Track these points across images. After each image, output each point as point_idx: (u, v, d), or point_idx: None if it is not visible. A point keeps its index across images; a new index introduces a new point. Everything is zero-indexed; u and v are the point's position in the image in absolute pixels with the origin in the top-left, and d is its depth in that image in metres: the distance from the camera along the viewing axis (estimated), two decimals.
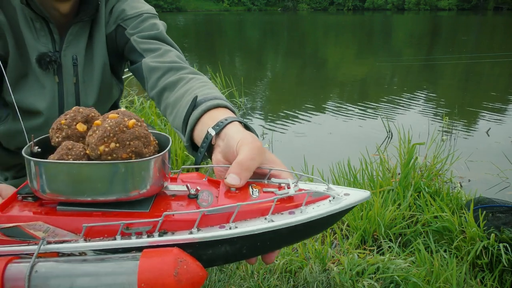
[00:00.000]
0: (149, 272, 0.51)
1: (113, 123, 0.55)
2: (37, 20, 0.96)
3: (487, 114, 4.65)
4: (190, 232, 0.57)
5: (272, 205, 0.59)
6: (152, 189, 0.58)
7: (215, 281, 1.51)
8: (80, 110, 0.62)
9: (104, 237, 0.56)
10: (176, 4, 57.76)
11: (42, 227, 0.54)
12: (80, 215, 0.56)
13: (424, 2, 54.37)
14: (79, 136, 0.60)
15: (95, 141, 0.54)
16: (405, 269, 1.53)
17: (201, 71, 0.99)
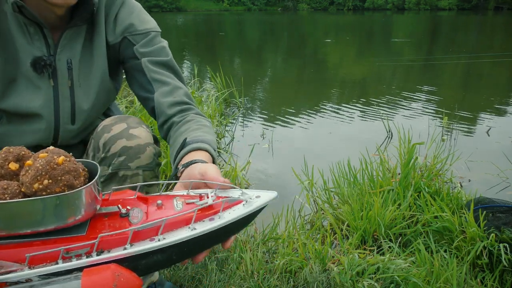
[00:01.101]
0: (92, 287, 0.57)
1: (44, 162, 0.61)
2: (31, 25, 0.96)
3: (487, 114, 4.65)
4: (124, 248, 0.64)
5: (194, 215, 0.68)
6: (86, 214, 0.64)
7: (215, 281, 1.51)
8: (11, 150, 0.66)
9: (47, 262, 0.61)
10: (176, 4, 57.73)
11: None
12: (22, 246, 0.61)
13: (424, 2, 54.35)
14: (12, 174, 0.65)
15: (29, 180, 0.59)
16: (405, 269, 1.53)
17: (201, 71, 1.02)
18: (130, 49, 1.10)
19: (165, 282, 1.41)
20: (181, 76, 1.15)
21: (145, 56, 1.09)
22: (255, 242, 1.77)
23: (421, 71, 8.13)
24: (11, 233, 0.60)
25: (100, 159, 1.05)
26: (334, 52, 12.16)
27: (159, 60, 1.10)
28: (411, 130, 2.69)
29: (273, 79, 7.44)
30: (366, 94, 6.00)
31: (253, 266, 1.58)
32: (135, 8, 1.13)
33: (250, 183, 2.61)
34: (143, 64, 1.09)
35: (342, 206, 2.05)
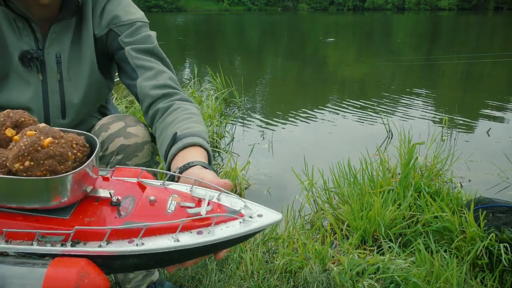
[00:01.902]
0: (54, 281, 0.55)
1: (28, 142, 0.57)
2: (19, 20, 0.96)
3: (487, 114, 4.65)
4: (100, 245, 0.60)
5: (180, 225, 0.62)
6: (72, 198, 0.62)
7: (215, 281, 1.51)
8: (10, 114, 0.63)
9: (24, 239, 0.59)
10: (176, 4, 57.70)
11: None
12: (2, 217, 0.60)
13: (424, 2, 54.32)
14: (8, 141, 0.62)
15: (11, 158, 0.57)
16: (405, 269, 1.52)
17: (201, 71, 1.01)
18: (116, 41, 1.09)
19: (165, 282, 1.41)
20: (167, 62, 1.12)
21: (128, 45, 1.08)
22: (255, 242, 1.77)
23: (421, 71, 8.12)
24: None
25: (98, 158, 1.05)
26: (334, 52, 12.15)
27: (143, 48, 1.08)
28: (411, 130, 2.69)
29: (273, 79, 7.44)
30: (366, 94, 6.00)
31: (253, 266, 1.58)
32: (122, 1, 1.12)
33: (250, 183, 2.61)
34: (126, 53, 1.07)
35: (342, 206, 2.05)
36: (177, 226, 0.62)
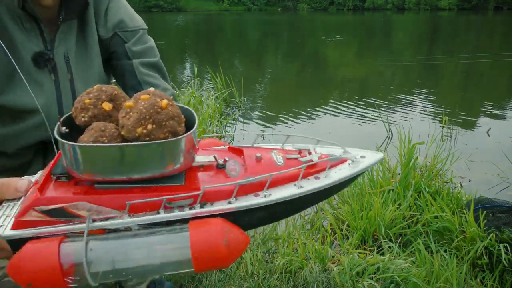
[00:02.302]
0: (201, 242, 0.54)
1: (147, 105, 0.55)
2: (27, 21, 0.96)
3: (487, 114, 4.65)
4: (229, 202, 0.60)
5: (301, 172, 0.65)
6: (185, 164, 0.60)
7: (215, 281, 1.51)
8: (103, 88, 0.61)
9: (146, 211, 0.57)
10: (176, 4, 57.70)
11: (86, 206, 0.54)
12: (121, 192, 0.57)
13: (424, 2, 54.32)
14: (105, 115, 0.60)
15: (131, 124, 0.54)
16: (405, 269, 1.52)
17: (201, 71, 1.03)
18: (121, 47, 1.12)
19: (165, 281, 1.41)
20: (167, 76, 1.19)
21: (136, 57, 1.12)
22: (255, 242, 1.77)
23: (421, 71, 8.12)
24: (109, 179, 0.56)
25: None
26: (334, 52, 12.15)
27: (150, 62, 1.13)
28: (411, 130, 2.69)
29: (273, 79, 7.44)
30: (366, 94, 6.00)
31: (253, 266, 1.58)
32: (123, 2, 1.17)
33: None
34: (134, 66, 1.11)
35: (342, 206, 2.05)
36: (296, 175, 0.64)
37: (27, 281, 0.50)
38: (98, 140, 0.55)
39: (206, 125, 3.26)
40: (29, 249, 0.51)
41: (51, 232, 0.53)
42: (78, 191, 0.56)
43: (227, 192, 0.60)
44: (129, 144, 0.54)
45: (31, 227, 0.53)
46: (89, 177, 0.55)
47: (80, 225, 0.54)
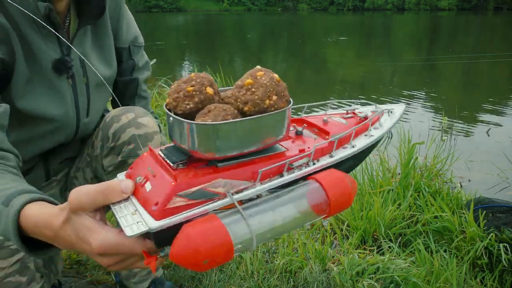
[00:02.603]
0: (334, 187, 0.63)
1: (268, 80, 0.61)
2: (45, 26, 0.95)
3: (487, 114, 4.65)
4: (331, 156, 0.70)
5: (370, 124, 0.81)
6: (287, 131, 0.67)
7: (215, 281, 1.51)
8: (201, 75, 0.64)
9: (270, 177, 0.63)
10: (176, 4, 57.70)
11: (221, 183, 0.58)
12: (247, 164, 0.62)
13: (424, 2, 54.32)
14: (210, 99, 0.62)
15: (259, 97, 0.60)
16: (405, 269, 1.53)
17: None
18: (131, 61, 1.22)
19: (165, 281, 1.41)
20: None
21: (140, 73, 1.25)
22: None
23: (421, 71, 8.13)
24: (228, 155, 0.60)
25: (109, 149, 1.08)
26: (334, 52, 12.16)
27: (146, 77, 1.28)
28: (411, 130, 2.70)
29: None
30: (366, 94, 6.00)
31: (253, 266, 1.58)
32: (132, 16, 1.24)
33: None
34: (140, 82, 1.26)
35: None
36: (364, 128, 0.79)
37: (204, 259, 0.52)
38: (225, 119, 0.58)
39: None
40: (195, 231, 0.52)
41: (201, 212, 0.56)
42: (208, 172, 0.59)
43: (326, 149, 0.70)
44: (266, 115, 0.60)
45: (176, 214, 0.54)
46: (212, 156, 0.59)
47: (225, 200, 0.58)
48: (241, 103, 0.61)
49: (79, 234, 0.56)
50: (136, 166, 0.63)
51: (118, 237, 0.56)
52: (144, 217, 0.54)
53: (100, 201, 0.57)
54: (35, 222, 0.60)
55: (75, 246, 0.58)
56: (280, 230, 0.60)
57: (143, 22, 21.37)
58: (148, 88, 1.38)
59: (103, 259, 0.57)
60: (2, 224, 0.62)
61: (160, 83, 4.07)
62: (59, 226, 0.58)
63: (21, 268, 0.93)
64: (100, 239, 0.55)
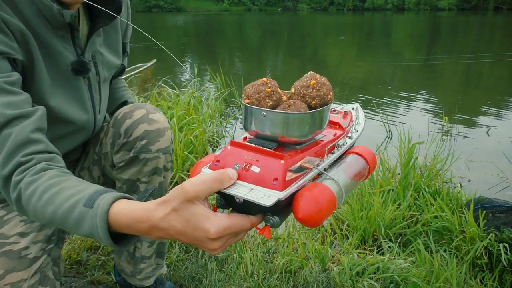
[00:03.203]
0: (368, 154, 0.85)
1: (325, 80, 0.76)
2: (60, 28, 0.95)
3: (487, 114, 4.65)
4: (350, 137, 0.90)
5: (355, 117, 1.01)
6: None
7: (215, 281, 1.51)
8: (271, 80, 0.78)
9: (327, 155, 0.80)
10: (176, 4, 57.69)
11: (307, 160, 0.73)
12: (313, 146, 0.77)
13: (424, 2, 54.33)
14: (281, 98, 0.77)
15: (324, 93, 0.74)
16: (405, 269, 1.53)
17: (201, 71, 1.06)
18: (126, 54, 1.23)
19: (166, 281, 1.41)
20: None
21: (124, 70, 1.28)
22: (255, 242, 1.77)
23: (421, 71, 8.13)
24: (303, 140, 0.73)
25: (120, 145, 1.10)
26: (334, 52, 12.16)
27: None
28: (411, 130, 2.70)
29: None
30: (366, 94, 6.00)
31: (253, 266, 1.58)
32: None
33: None
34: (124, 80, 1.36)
35: (342, 206, 2.05)
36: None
37: (324, 213, 0.66)
38: (305, 110, 0.72)
39: (206, 125, 3.26)
40: (312, 195, 0.66)
41: (305, 182, 0.70)
42: (296, 152, 0.72)
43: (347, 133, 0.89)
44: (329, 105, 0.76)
45: (289, 185, 0.66)
46: (295, 140, 0.72)
47: (313, 172, 0.73)
48: (309, 99, 0.74)
49: (191, 223, 0.61)
50: (224, 158, 0.71)
51: (230, 219, 0.63)
52: (266, 192, 0.64)
53: (215, 187, 0.63)
54: (129, 218, 0.64)
55: (180, 235, 0.62)
56: (349, 188, 0.77)
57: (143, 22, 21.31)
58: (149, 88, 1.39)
59: (214, 244, 0.62)
60: (87, 225, 0.66)
61: (160, 83, 4.07)
62: (161, 218, 0.62)
63: (41, 278, 0.93)
64: (216, 224, 0.61)
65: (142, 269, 1.30)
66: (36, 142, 0.77)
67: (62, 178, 0.74)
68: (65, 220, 0.68)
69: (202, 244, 0.63)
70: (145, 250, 1.27)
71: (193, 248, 1.73)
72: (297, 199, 0.66)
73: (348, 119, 0.95)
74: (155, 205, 0.63)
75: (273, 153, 0.69)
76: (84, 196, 0.68)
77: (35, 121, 0.79)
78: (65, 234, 1.06)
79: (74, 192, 0.70)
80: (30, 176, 0.73)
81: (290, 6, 63.46)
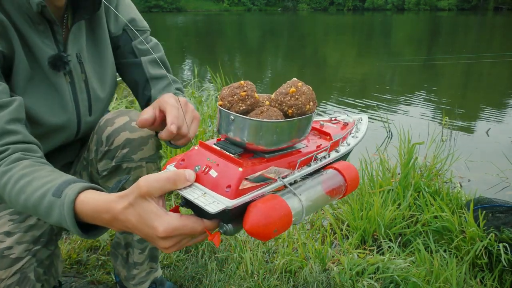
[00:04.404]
0: (349, 172, 0.80)
1: (307, 89, 0.73)
2: (40, 23, 0.94)
3: (487, 114, 4.65)
4: (337, 151, 0.86)
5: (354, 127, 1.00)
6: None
7: (215, 281, 1.51)
8: (249, 83, 0.76)
9: (302, 167, 0.76)
10: (176, 4, 57.68)
11: (273, 170, 0.70)
12: (288, 155, 0.74)
13: (424, 2, 54.34)
14: (257, 103, 0.74)
15: (302, 102, 0.72)
16: (405, 269, 1.53)
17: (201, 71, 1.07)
18: (129, 45, 1.14)
19: (165, 281, 1.41)
20: (171, 71, 1.22)
21: (143, 54, 1.15)
22: (255, 242, 1.77)
23: (421, 71, 8.13)
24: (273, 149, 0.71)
25: (103, 153, 1.06)
26: (334, 52, 12.16)
27: (155, 59, 1.17)
28: (411, 130, 2.70)
29: (273, 79, 7.44)
30: (366, 94, 6.00)
31: (253, 266, 1.58)
32: (131, 3, 1.19)
33: None
34: (143, 64, 1.15)
35: (342, 206, 2.05)
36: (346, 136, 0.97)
37: (273, 228, 0.62)
38: (277, 118, 0.70)
39: (206, 125, 3.26)
40: (265, 206, 0.63)
41: (262, 193, 0.67)
42: (261, 161, 0.69)
43: (333, 145, 0.86)
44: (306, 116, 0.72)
45: (243, 195, 0.64)
46: (262, 148, 0.69)
47: (276, 183, 0.70)
48: (286, 107, 0.72)
49: (143, 219, 0.62)
50: (189, 158, 0.71)
51: (181, 220, 0.62)
52: (217, 198, 0.63)
53: (168, 187, 0.63)
54: (92, 208, 0.66)
55: (135, 229, 0.64)
56: (315, 206, 0.73)
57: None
58: None
59: (164, 242, 0.63)
60: (55, 214, 0.68)
61: None
62: (120, 210, 0.63)
63: (21, 278, 0.91)
64: (166, 223, 0.61)
65: (135, 275, 1.30)
66: (12, 133, 0.79)
67: (35, 168, 0.75)
68: (36, 209, 0.70)
69: (153, 241, 0.64)
70: (137, 256, 1.26)
71: (193, 248, 1.73)
72: (249, 209, 0.63)
73: (344, 131, 0.93)
74: (117, 198, 0.65)
75: (233, 159, 0.67)
76: (53, 186, 0.70)
77: (11, 112, 0.80)
78: (58, 236, 1.04)
79: (45, 182, 0.71)
80: (5, 166, 0.75)
81: (290, 6, 63.46)
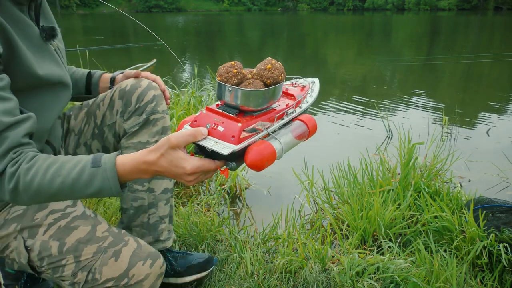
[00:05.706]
0: (310, 122, 1.06)
1: (279, 65, 0.98)
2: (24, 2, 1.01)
3: (487, 114, 4.65)
4: (300, 107, 1.12)
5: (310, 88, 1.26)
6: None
7: (215, 281, 1.51)
8: (238, 63, 0.99)
9: (277, 120, 1.01)
10: (176, 4, 57.70)
11: (260, 123, 0.95)
12: (268, 113, 0.99)
13: (424, 2, 54.33)
14: (244, 77, 0.98)
15: (276, 75, 0.97)
16: (405, 269, 1.53)
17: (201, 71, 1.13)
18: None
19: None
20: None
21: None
22: (255, 242, 1.77)
23: (421, 71, 8.13)
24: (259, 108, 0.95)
25: (131, 112, 1.28)
26: (334, 52, 12.16)
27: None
28: (411, 130, 2.69)
29: None
30: (366, 94, 6.00)
31: (253, 266, 1.58)
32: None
33: (250, 183, 2.61)
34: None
35: (342, 206, 2.05)
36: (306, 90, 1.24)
37: (265, 162, 0.88)
38: (260, 87, 0.94)
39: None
40: (259, 147, 0.88)
41: (256, 139, 0.92)
42: (252, 118, 0.94)
43: (297, 103, 1.12)
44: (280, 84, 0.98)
45: (243, 141, 0.89)
46: (252, 109, 0.94)
47: (263, 133, 0.95)
48: (265, 79, 0.97)
49: (173, 163, 0.83)
50: (200, 119, 0.93)
51: (201, 161, 0.85)
52: (226, 145, 0.87)
53: (190, 140, 0.85)
54: (131, 163, 0.84)
55: (165, 171, 0.84)
56: (290, 146, 0.98)
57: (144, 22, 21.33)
58: None
59: (189, 177, 0.85)
60: (97, 182, 0.83)
61: None
62: (155, 159, 0.83)
63: None
64: (191, 164, 0.83)
65: (163, 229, 1.39)
66: (26, 145, 0.88)
67: (55, 157, 0.86)
68: (74, 185, 0.83)
69: (181, 177, 0.85)
70: (162, 209, 1.39)
71: (193, 248, 1.73)
72: (248, 151, 0.88)
73: (303, 92, 1.19)
74: (148, 152, 0.85)
75: (234, 118, 0.91)
76: (88, 161, 0.85)
77: (27, 128, 0.89)
78: None
79: (76, 162, 0.85)
80: (26, 163, 0.83)
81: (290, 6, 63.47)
